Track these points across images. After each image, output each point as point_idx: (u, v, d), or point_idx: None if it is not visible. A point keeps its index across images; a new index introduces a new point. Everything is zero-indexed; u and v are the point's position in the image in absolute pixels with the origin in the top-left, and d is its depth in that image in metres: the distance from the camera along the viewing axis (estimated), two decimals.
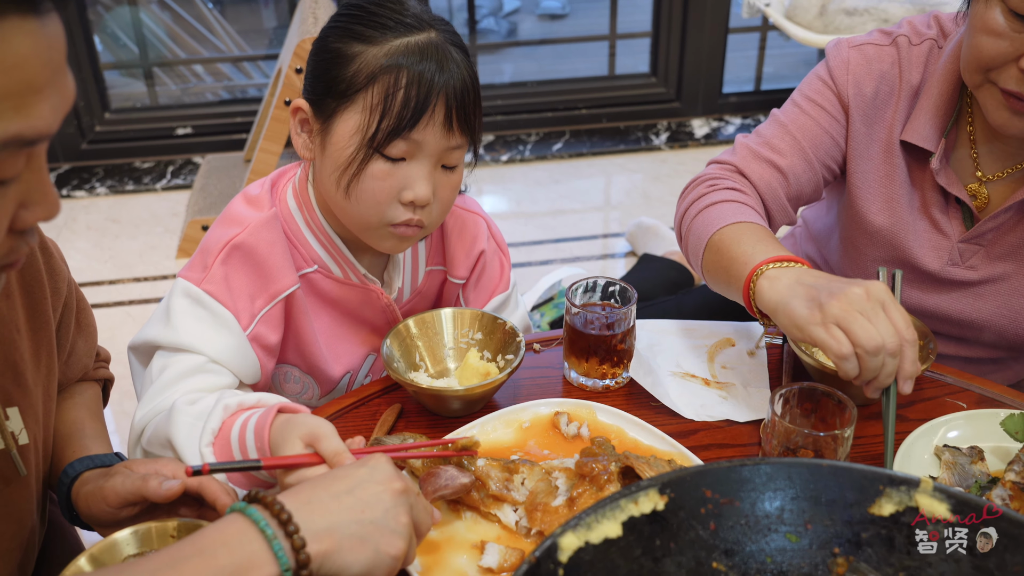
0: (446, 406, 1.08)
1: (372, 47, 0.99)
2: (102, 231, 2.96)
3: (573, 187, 3.20)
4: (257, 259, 1.07)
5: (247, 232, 1.07)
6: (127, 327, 2.50)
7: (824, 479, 0.73)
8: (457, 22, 4.58)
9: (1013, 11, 1.01)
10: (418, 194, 1.03)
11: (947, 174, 1.20)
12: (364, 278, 1.17)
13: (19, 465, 0.86)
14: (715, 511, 0.72)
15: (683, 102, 3.55)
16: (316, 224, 1.12)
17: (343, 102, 1.01)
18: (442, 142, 1.02)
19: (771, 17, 3.06)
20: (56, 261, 0.97)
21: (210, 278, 1.05)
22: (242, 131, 3.33)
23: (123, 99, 3.46)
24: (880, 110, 1.24)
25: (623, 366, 1.14)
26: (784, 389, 0.96)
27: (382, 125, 0.99)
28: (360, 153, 1.01)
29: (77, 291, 1.04)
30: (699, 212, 1.21)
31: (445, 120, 1.00)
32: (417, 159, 1.02)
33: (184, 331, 1.03)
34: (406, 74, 0.98)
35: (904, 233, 1.25)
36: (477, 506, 0.92)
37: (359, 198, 1.04)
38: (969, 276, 1.24)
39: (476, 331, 1.17)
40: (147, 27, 3.41)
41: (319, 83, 1.03)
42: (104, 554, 0.81)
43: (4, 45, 0.55)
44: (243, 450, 0.91)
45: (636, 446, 1.02)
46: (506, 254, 1.31)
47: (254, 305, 1.07)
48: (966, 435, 1.03)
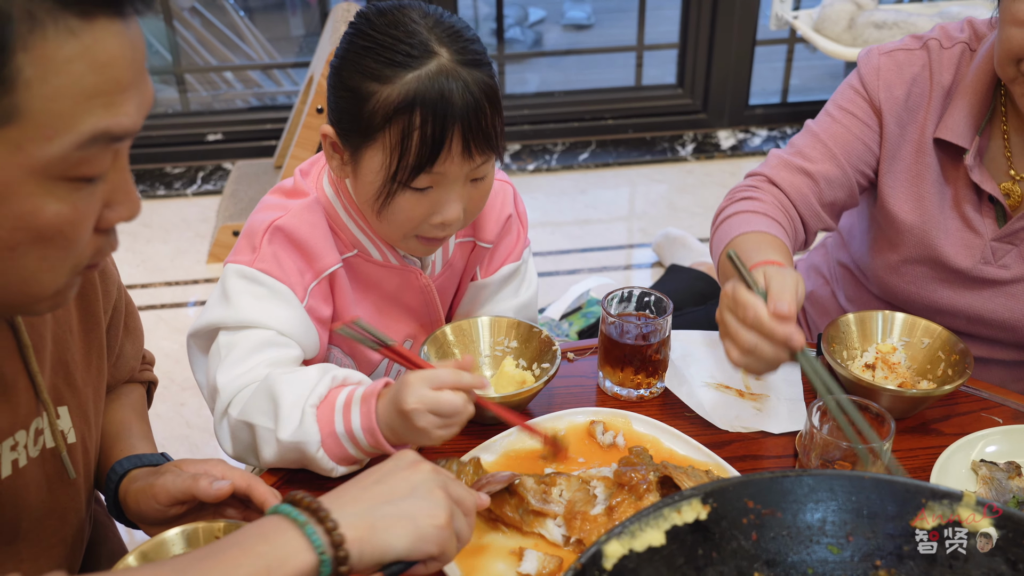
0: (482, 413, 1.09)
1: (385, 86, 0.99)
2: (134, 235, 3.00)
3: (599, 197, 3.21)
4: (300, 239, 1.10)
5: (290, 215, 1.10)
6: (159, 331, 2.53)
7: (866, 492, 0.73)
8: (483, 32, 4.61)
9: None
10: (448, 217, 1.06)
11: (981, 171, 1.21)
12: (403, 260, 1.18)
13: (68, 467, 0.88)
14: (757, 521, 0.73)
15: (709, 113, 3.55)
16: (355, 210, 1.14)
17: (366, 140, 1.03)
18: (465, 168, 1.03)
19: (799, 29, 3.07)
20: (108, 263, 0.99)
21: (261, 257, 1.08)
22: (272, 137, 3.37)
23: (155, 105, 3.49)
24: (913, 112, 1.25)
25: (658, 376, 1.15)
26: (821, 401, 0.97)
27: (402, 163, 1.01)
28: (387, 187, 1.03)
29: (125, 294, 1.06)
30: (718, 227, 1.26)
31: (464, 150, 1.01)
32: (444, 184, 1.04)
33: (246, 308, 1.06)
34: (419, 113, 0.98)
35: (935, 231, 1.25)
36: (519, 526, 0.93)
37: (390, 221, 1.07)
38: (1002, 275, 1.23)
39: (512, 339, 1.18)
40: (179, 34, 3.46)
41: (342, 118, 1.05)
42: (152, 553, 0.82)
43: (96, 45, 0.59)
44: (346, 417, 0.96)
45: (672, 456, 1.03)
46: (524, 224, 1.32)
47: (304, 279, 1.10)
48: (1003, 450, 1.03)
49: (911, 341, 1.17)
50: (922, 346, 1.16)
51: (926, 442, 1.07)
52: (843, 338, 1.17)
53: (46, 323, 0.86)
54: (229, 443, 1.05)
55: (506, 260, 1.29)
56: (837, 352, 1.15)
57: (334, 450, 0.98)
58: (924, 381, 1.14)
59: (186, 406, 2.27)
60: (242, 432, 1.03)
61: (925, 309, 1.29)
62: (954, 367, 1.11)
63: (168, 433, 2.18)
